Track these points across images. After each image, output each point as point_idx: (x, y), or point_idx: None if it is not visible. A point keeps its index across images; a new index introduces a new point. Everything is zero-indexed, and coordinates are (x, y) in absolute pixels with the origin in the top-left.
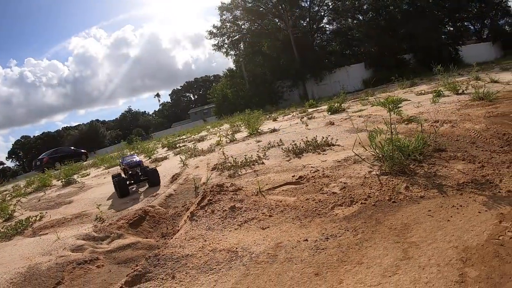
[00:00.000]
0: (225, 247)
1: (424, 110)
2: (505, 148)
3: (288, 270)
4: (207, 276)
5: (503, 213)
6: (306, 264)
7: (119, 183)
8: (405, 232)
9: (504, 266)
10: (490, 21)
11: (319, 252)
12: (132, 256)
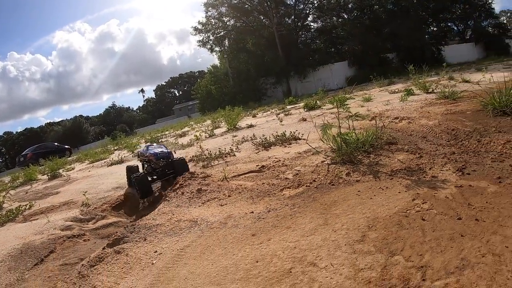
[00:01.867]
0: (188, 219)
1: (391, 107)
2: (450, 142)
3: (233, 232)
4: (171, 238)
5: (419, 193)
6: (247, 229)
7: (141, 181)
8: (332, 206)
9: (400, 231)
10: (473, 22)
11: (260, 221)
12: (114, 232)
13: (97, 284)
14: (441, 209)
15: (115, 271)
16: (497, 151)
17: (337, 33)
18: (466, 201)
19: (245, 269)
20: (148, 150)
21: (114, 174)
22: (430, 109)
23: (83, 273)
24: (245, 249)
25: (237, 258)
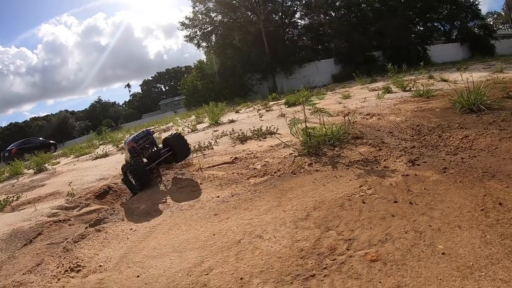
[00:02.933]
0: (161, 202)
1: (366, 104)
2: (414, 137)
3: (198, 213)
4: (145, 218)
5: (367, 181)
6: (211, 210)
7: (136, 169)
8: (288, 192)
9: (340, 212)
10: (459, 22)
11: (223, 203)
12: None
13: (79, 255)
14: (382, 194)
15: (95, 245)
16: (454, 146)
17: (324, 31)
18: (407, 188)
19: (203, 240)
20: (127, 140)
21: (99, 167)
22: (402, 106)
23: (67, 248)
24: (206, 225)
25: (198, 232)
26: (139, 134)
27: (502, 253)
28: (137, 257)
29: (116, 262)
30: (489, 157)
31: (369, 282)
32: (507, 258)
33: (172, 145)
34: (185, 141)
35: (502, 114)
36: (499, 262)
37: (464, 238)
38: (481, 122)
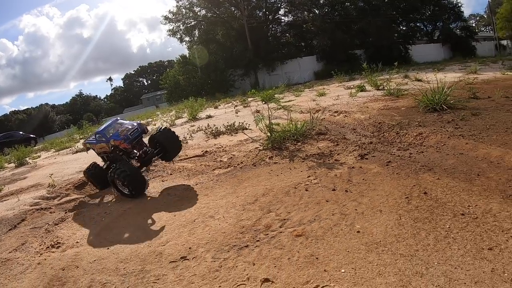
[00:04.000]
0: None
1: (338, 102)
2: (374, 133)
3: (164, 199)
4: (118, 203)
5: (316, 172)
6: (177, 196)
7: (131, 174)
8: (245, 181)
9: (284, 197)
10: (442, 23)
11: (188, 191)
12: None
13: (59, 235)
14: (325, 183)
15: (74, 226)
16: (407, 142)
17: (307, 28)
18: (348, 178)
19: (165, 220)
20: (111, 137)
21: (78, 160)
22: (371, 104)
23: (48, 229)
24: (170, 209)
25: (162, 215)
26: (133, 130)
27: (410, 233)
28: (109, 235)
29: (91, 239)
30: (435, 153)
31: (290, 252)
32: (413, 237)
33: (162, 142)
34: (176, 136)
35: (462, 113)
36: (404, 241)
37: (381, 220)
38: (440, 121)
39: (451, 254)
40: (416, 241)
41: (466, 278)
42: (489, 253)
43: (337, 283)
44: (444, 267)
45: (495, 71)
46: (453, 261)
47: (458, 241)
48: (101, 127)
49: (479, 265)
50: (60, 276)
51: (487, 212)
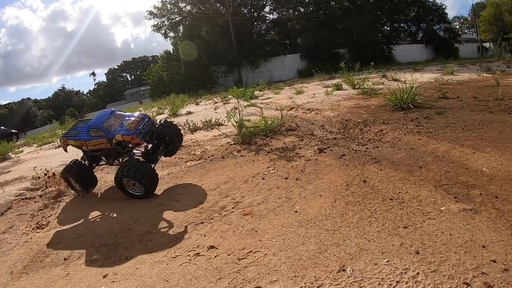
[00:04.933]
0: (109, 180)
1: (314, 100)
2: (340, 130)
3: None
4: (96, 191)
5: (276, 164)
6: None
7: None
8: (211, 171)
9: (242, 185)
10: (426, 25)
11: (160, 180)
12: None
13: (43, 219)
14: (280, 173)
15: (56, 212)
16: (367, 138)
17: (292, 26)
18: (302, 169)
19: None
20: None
21: (61, 154)
22: (343, 103)
23: (34, 215)
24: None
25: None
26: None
27: (339, 213)
28: (88, 217)
29: (71, 221)
30: (389, 148)
31: (235, 226)
32: (340, 217)
33: (167, 136)
34: (179, 129)
35: (427, 112)
36: (332, 219)
37: (319, 203)
38: (404, 119)
39: (368, 230)
40: (342, 220)
41: (375, 249)
42: (403, 230)
43: (267, 249)
44: (359, 240)
45: (471, 73)
46: (368, 236)
47: (379, 220)
48: (92, 121)
49: (391, 240)
50: (44, 250)
51: (414, 198)
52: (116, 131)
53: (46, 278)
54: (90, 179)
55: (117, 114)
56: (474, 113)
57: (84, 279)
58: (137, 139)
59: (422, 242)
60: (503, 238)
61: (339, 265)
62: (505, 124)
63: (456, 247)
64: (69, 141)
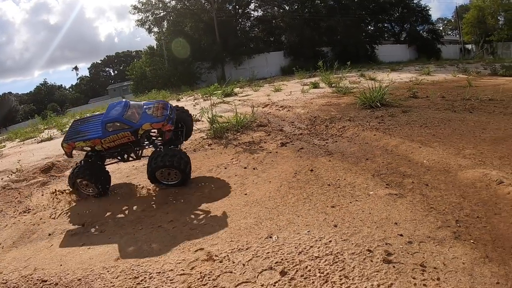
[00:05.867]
0: None
1: (289, 98)
2: (308, 126)
3: (115, 176)
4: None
5: (240, 156)
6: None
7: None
8: None
9: (208, 173)
10: (409, 25)
11: (135, 170)
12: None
13: (29, 204)
14: (242, 164)
15: (42, 198)
16: (331, 133)
17: (277, 23)
18: (262, 160)
19: (111, 189)
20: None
21: (44, 148)
22: (316, 100)
23: (20, 201)
24: (121, 180)
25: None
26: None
27: (281, 196)
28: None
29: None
30: (345, 142)
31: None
32: (281, 198)
33: (180, 121)
34: (190, 115)
35: (393, 110)
36: (273, 200)
37: (266, 188)
38: (369, 116)
39: (301, 209)
40: (281, 200)
41: (301, 223)
42: (330, 209)
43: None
44: (291, 216)
45: (448, 73)
46: (299, 213)
47: (313, 201)
48: (106, 116)
49: (317, 216)
50: (31, 229)
51: (349, 184)
52: (142, 121)
53: (33, 249)
54: (105, 176)
55: (132, 104)
56: (437, 112)
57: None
58: (168, 125)
59: (343, 218)
60: (416, 218)
61: (268, 234)
62: (463, 122)
63: (371, 223)
64: (76, 143)
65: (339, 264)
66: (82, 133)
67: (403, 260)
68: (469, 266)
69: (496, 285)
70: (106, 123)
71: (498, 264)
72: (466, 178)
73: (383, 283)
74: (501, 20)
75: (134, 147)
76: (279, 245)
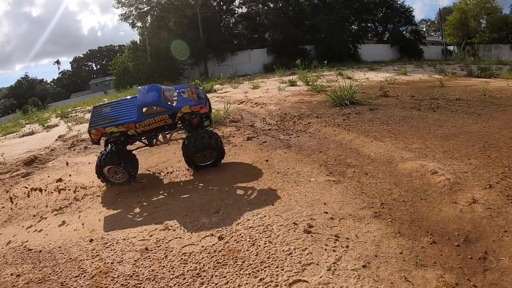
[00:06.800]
0: (73, 162)
1: (265, 95)
2: (277, 122)
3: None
4: (60, 170)
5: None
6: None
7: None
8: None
9: (176, 164)
10: (392, 26)
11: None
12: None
13: (15, 191)
14: None
15: (25, 186)
16: (296, 129)
17: (261, 21)
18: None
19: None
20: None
21: (26, 142)
22: (290, 98)
23: (6, 189)
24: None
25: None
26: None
27: (231, 179)
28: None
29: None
30: (307, 137)
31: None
32: (232, 179)
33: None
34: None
35: (360, 108)
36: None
37: (223, 175)
38: (337, 114)
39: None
40: (232, 180)
41: (246, 202)
42: (272, 192)
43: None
44: (237, 197)
45: (424, 73)
46: (245, 195)
47: (260, 183)
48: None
49: (259, 197)
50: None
51: (296, 172)
52: (180, 104)
53: (19, 228)
54: (132, 160)
55: (165, 88)
56: (402, 110)
57: (48, 225)
58: (205, 108)
59: (281, 199)
60: (345, 200)
61: (216, 209)
62: (423, 120)
63: (304, 203)
64: (106, 129)
65: (267, 233)
66: (112, 118)
67: (321, 232)
68: (378, 238)
69: (399, 255)
70: (142, 107)
71: (408, 239)
72: (405, 169)
73: (299, 247)
74: (483, 23)
75: (169, 130)
76: (223, 219)
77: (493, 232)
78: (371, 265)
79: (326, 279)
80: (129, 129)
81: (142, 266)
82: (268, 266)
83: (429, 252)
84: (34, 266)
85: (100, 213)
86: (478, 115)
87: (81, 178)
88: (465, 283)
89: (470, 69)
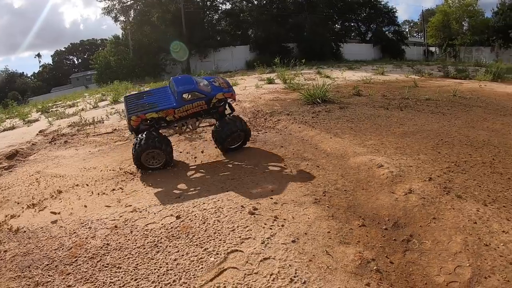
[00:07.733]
0: (54, 155)
1: (242, 92)
2: (250, 119)
3: (72, 159)
4: (41, 163)
5: (180, 143)
6: (81, 157)
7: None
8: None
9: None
10: (375, 26)
11: (91, 154)
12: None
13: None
14: (179, 149)
15: (9, 178)
16: (266, 126)
17: (244, 18)
18: (196, 146)
19: (76, 169)
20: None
21: (7, 137)
22: (265, 96)
23: None
24: (76, 164)
25: (72, 168)
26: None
27: (196, 170)
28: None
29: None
30: (274, 133)
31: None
32: (197, 172)
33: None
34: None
35: (330, 106)
36: (191, 173)
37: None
38: (308, 111)
39: (208, 179)
40: (196, 173)
41: (204, 189)
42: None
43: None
44: (198, 184)
45: (402, 74)
46: (204, 182)
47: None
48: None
49: (217, 185)
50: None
51: (253, 164)
52: (215, 91)
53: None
54: (169, 144)
55: (196, 77)
56: (371, 109)
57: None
58: (235, 95)
59: (235, 186)
60: (291, 188)
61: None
62: (388, 118)
63: (253, 189)
64: (147, 115)
65: (217, 214)
66: (151, 105)
67: (263, 213)
68: (311, 220)
69: (327, 234)
70: (183, 93)
71: (339, 221)
72: (354, 162)
73: (241, 225)
74: (465, 25)
75: (203, 116)
76: (183, 202)
77: (422, 219)
78: (299, 240)
79: (259, 250)
80: (168, 115)
81: (111, 240)
82: (213, 239)
83: (356, 233)
84: (20, 243)
85: (77, 199)
86: (443, 114)
87: (60, 170)
88: (382, 260)
89: (447, 70)
